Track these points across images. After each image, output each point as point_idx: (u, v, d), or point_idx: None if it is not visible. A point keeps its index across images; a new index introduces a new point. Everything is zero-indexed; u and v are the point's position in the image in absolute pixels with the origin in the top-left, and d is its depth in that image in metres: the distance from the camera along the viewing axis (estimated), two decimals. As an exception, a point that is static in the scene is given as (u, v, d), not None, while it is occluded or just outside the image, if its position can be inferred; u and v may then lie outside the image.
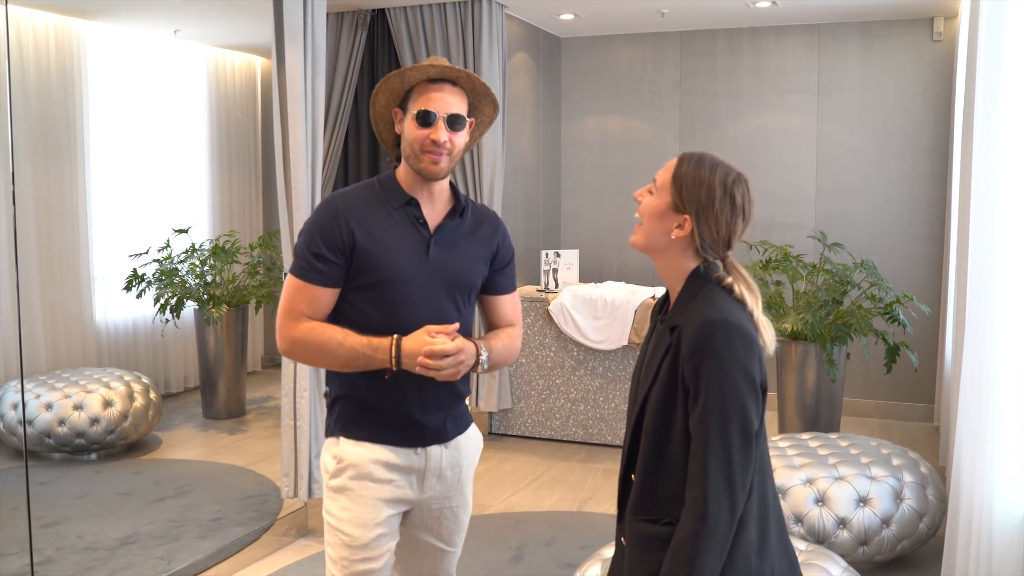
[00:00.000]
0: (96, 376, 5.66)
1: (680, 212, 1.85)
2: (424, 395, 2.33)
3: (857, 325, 4.96)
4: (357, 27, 6.17)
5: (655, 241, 1.89)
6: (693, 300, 1.83)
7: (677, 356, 1.79)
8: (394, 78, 2.30)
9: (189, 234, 6.47)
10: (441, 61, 2.29)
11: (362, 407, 2.34)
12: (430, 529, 2.46)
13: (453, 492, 2.44)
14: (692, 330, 1.77)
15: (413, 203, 2.33)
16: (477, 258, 2.40)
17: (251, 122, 7.79)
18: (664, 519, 1.81)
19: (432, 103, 2.26)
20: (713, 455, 1.72)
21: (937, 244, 6.50)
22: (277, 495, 4.79)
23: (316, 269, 2.26)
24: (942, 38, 6.39)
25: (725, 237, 1.86)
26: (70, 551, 4.15)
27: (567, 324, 5.93)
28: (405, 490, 2.36)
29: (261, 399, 6.93)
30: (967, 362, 3.24)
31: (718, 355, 1.73)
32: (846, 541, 3.88)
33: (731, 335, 1.74)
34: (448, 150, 2.28)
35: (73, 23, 6.08)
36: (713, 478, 1.71)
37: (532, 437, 6.18)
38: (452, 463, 2.42)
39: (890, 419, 6.66)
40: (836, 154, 6.74)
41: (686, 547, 1.72)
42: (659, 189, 1.89)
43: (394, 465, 2.33)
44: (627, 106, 7.29)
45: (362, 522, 2.32)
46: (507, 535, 4.48)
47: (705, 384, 1.73)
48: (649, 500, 1.84)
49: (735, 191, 1.85)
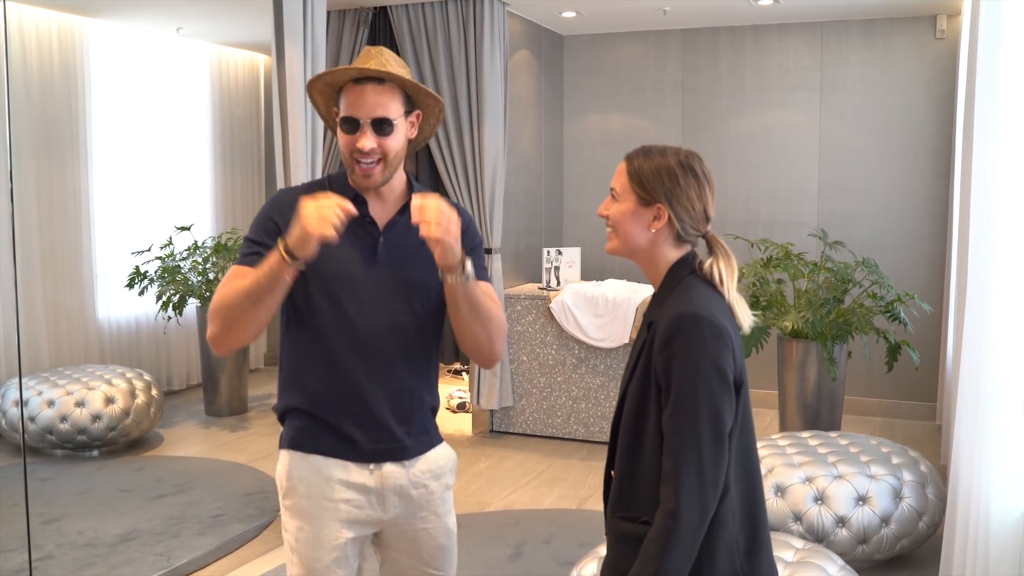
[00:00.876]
0: (98, 373, 5.67)
1: (651, 204, 1.85)
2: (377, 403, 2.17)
3: (858, 323, 4.96)
4: (359, 25, 6.18)
5: (635, 241, 1.87)
6: (671, 294, 1.82)
7: (651, 351, 1.77)
8: (317, 81, 2.14)
9: (191, 231, 6.48)
10: (376, 55, 2.12)
11: (311, 419, 2.18)
12: (408, 552, 2.28)
13: (425, 512, 2.25)
14: (663, 325, 1.75)
15: (360, 200, 2.16)
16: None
17: (254, 120, 7.80)
18: (641, 517, 1.79)
19: (354, 107, 2.08)
20: (684, 452, 1.69)
21: (939, 242, 6.48)
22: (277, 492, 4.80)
23: (254, 255, 2.08)
24: (945, 36, 6.37)
25: (701, 211, 1.86)
26: (70, 547, 4.16)
27: (568, 322, 5.93)
28: (365, 510, 2.19)
29: (263, 396, 6.94)
30: (965, 361, 3.23)
31: (688, 349, 1.71)
32: (845, 540, 3.88)
33: (702, 328, 1.72)
34: (380, 156, 2.10)
35: (76, 21, 6.08)
36: (684, 476, 1.69)
37: (533, 435, 6.18)
38: (414, 482, 2.22)
39: (892, 418, 6.65)
40: (838, 152, 6.72)
41: (655, 545, 1.69)
42: (620, 194, 1.88)
43: (348, 482, 2.17)
44: (629, 104, 7.28)
45: (319, 544, 2.16)
46: (506, 533, 4.48)
47: (676, 379, 1.71)
48: (627, 498, 1.82)
49: (692, 164, 1.85)
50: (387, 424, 2.19)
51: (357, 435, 2.17)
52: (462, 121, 5.91)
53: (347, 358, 2.15)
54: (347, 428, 2.17)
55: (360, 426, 2.17)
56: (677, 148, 1.88)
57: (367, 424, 2.17)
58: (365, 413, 2.17)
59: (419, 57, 5.96)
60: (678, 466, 1.69)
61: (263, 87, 7.88)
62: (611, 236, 1.91)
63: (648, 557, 1.70)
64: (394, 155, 2.13)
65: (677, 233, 1.86)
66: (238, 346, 2.12)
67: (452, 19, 5.84)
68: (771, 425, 6.43)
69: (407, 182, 2.26)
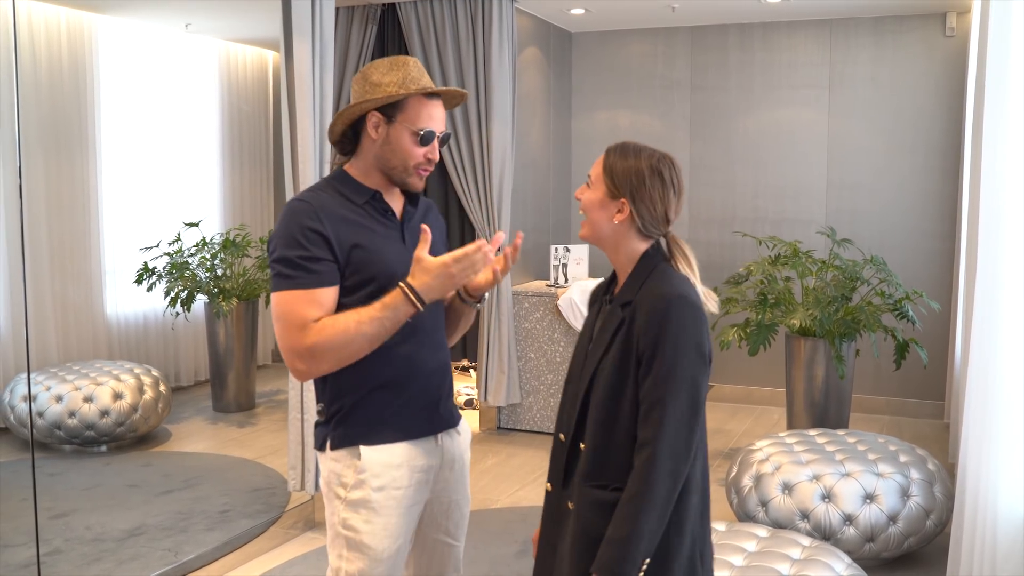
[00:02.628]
0: (106, 369, 5.69)
1: (616, 198, 1.99)
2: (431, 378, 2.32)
3: (866, 321, 4.94)
4: (367, 21, 6.18)
5: (601, 229, 2.01)
6: (647, 278, 1.96)
7: (631, 329, 1.91)
8: (391, 86, 2.21)
9: (200, 228, 6.49)
10: (419, 66, 2.25)
11: (378, 409, 2.25)
12: (439, 525, 2.42)
13: (458, 484, 2.42)
14: (648, 304, 1.89)
15: (378, 195, 2.28)
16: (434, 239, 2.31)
17: (262, 116, 7.81)
18: (613, 485, 1.91)
19: (433, 122, 2.25)
20: (663, 422, 1.83)
21: (948, 241, 6.46)
22: (285, 488, 4.81)
23: (310, 271, 2.13)
24: (954, 33, 6.35)
25: (662, 213, 1.99)
26: (78, 542, 4.17)
27: (576, 319, 5.92)
28: (422, 490, 2.32)
29: (270, 392, 6.96)
30: (973, 359, 3.22)
31: (674, 329, 1.86)
32: (852, 538, 3.87)
33: (686, 310, 1.88)
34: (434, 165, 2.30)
35: (85, 17, 6.10)
36: (661, 443, 1.83)
37: (540, 432, 6.18)
38: (459, 453, 2.41)
39: (900, 416, 6.63)
40: (847, 150, 6.71)
41: (630, 506, 1.83)
42: (594, 183, 2.02)
43: (414, 465, 2.28)
44: (638, 101, 7.27)
45: (388, 533, 2.25)
46: (513, 529, 4.48)
47: (660, 355, 1.85)
48: (599, 468, 1.94)
49: (661, 169, 1.98)
50: (440, 398, 2.35)
51: (416, 411, 2.30)
52: (470, 118, 5.91)
53: (401, 340, 2.24)
54: (410, 409, 2.29)
55: (421, 405, 2.31)
56: (653, 151, 2.01)
57: (426, 402, 2.31)
58: (423, 392, 2.31)
59: (427, 54, 5.96)
60: (656, 433, 1.83)
61: (271, 83, 7.89)
62: (583, 223, 2.07)
63: (623, 518, 1.84)
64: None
65: (638, 228, 2.00)
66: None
67: (461, 16, 5.83)
68: (779, 423, 6.42)
69: None
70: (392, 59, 2.25)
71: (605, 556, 1.84)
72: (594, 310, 2.12)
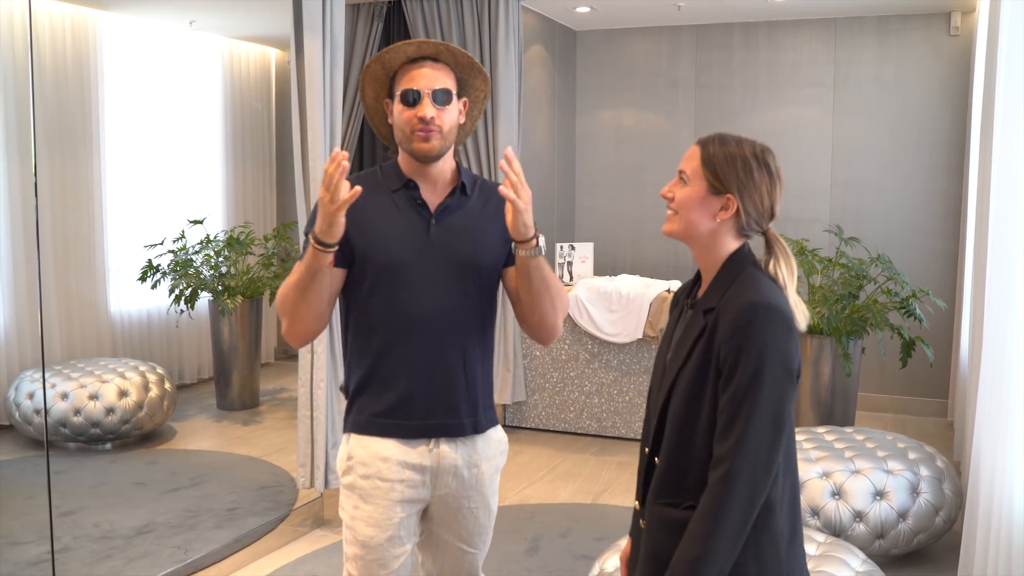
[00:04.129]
0: (111, 366, 5.68)
1: (721, 193, 1.82)
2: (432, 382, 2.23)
3: (873, 319, 4.95)
4: (373, 18, 6.17)
5: (698, 228, 1.84)
6: (732, 283, 1.81)
7: (712, 338, 1.77)
8: (374, 64, 2.22)
9: (204, 225, 6.48)
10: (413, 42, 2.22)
11: (369, 400, 2.26)
12: (449, 527, 2.35)
13: (471, 492, 2.32)
14: (733, 312, 1.74)
15: (411, 185, 2.24)
16: (487, 236, 2.25)
17: (265, 114, 7.81)
18: (686, 503, 1.79)
19: (415, 81, 2.17)
20: (741, 437, 1.69)
21: (952, 239, 6.47)
22: (292, 486, 4.81)
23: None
24: (959, 32, 6.36)
25: (768, 207, 1.84)
26: (87, 540, 4.16)
27: (582, 317, 5.92)
28: (419, 489, 2.26)
29: (274, 391, 6.95)
30: (986, 357, 3.23)
31: (759, 338, 1.71)
32: (862, 534, 3.88)
33: (774, 319, 1.73)
34: (438, 127, 2.17)
35: (89, 14, 6.09)
36: (738, 461, 1.69)
37: (546, 430, 6.19)
38: (469, 462, 2.29)
39: (904, 414, 6.64)
40: (851, 148, 6.71)
41: (702, 526, 1.70)
42: (692, 178, 1.84)
43: (405, 462, 2.24)
44: (642, 100, 7.27)
45: (374, 522, 2.24)
46: (522, 527, 4.48)
47: (742, 366, 1.70)
48: (673, 484, 1.81)
49: (767, 159, 1.83)
50: (443, 403, 2.25)
51: (415, 413, 2.24)
52: (476, 116, 5.90)
53: (403, 339, 2.21)
54: (405, 407, 2.24)
55: (418, 405, 2.24)
56: (752, 140, 1.85)
57: (425, 403, 2.24)
58: (421, 392, 2.23)
59: (433, 51, 5.95)
60: (734, 451, 1.69)
61: (274, 81, 7.88)
62: (672, 218, 1.88)
63: (694, 538, 1.70)
64: (449, 128, 2.20)
65: (740, 225, 1.84)
66: (308, 335, 2.21)
67: (467, 13, 5.83)
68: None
69: (456, 168, 2.31)
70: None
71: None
72: (675, 314, 1.98)
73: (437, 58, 2.22)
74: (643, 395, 5.89)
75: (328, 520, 4.53)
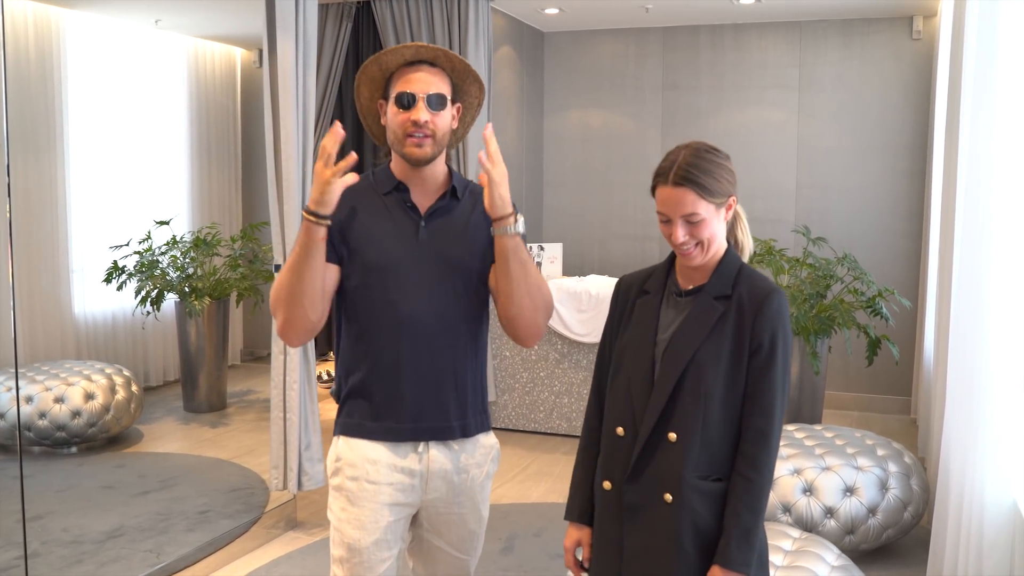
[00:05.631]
0: (77, 369, 5.60)
1: (724, 201, 2.00)
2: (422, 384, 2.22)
3: (841, 318, 5.02)
4: (342, 19, 6.15)
5: (720, 241, 2.03)
6: (737, 274, 2.01)
7: (739, 323, 1.95)
8: (371, 64, 2.22)
9: (170, 226, 6.41)
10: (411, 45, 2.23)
11: (359, 403, 2.25)
12: (440, 533, 2.34)
13: (461, 498, 2.31)
14: (761, 299, 1.94)
15: (402, 188, 2.25)
16: (477, 239, 2.26)
17: (231, 114, 7.74)
18: (714, 475, 1.95)
19: (410, 84, 2.18)
20: (776, 411, 1.92)
21: (915, 239, 6.58)
22: (263, 488, 4.78)
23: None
24: (921, 36, 6.47)
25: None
26: (56, 545, 4.11)
27: (552, 317, 5.94)
28: (408, 493, 2.25)
29: (242, 392, 6.90)
30: (953, 354, 3.29)
31: (784, 321, 1.95)
32: (833, 530, 3.94)
33: (786, 305, 1.98)
34: (431, 132, 2.18)
35: (53, 11, 6.00)
36: (774, 431, 1.92)
37: (516, 430, 6.20)
38: (458, 467, 2.29)
39: (868, 412, 6.75)
40: (816, 150, 6.81)
41: (755, 497, 1.91)
42: (702, 213, 1.95)
43: (393, 465, 2.23)
44: (609, 100, 7.32)
45: (361, 525, 2.22)
46: (496, 526, 4.49)
47: (776, 347, 1.93)
48: (706, 459, 1.95)
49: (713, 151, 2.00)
50: (433, 405, 2.24)
51: (404, 415, 2.23)
52: (446, 116, 5.90)
53: (393, 341, 2.21)
54: (394, 409, 2.23)
55: (407, 407, 2.23)
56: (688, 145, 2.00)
57: (413, 405, 2.23)
58: (411, 394, 2.22)
59: (403, 52, 5.94)
60: (773, 422, 1.92)
61: (240, 81, 7.82)
62: (699, 252, 1.99)
63: (751, 509, 1.90)
64: (442, 134, 2.21)
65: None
66: (305, 327, 2.18)
67: (436, 14, 5.83)
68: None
69: (448, 172, 2.32)
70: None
71: (734, 549, 1.89)
72: (650, 301, 2.07)
73: (434, 63, 2.23)
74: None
75: (302, 522, 4.51)
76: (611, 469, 2.03)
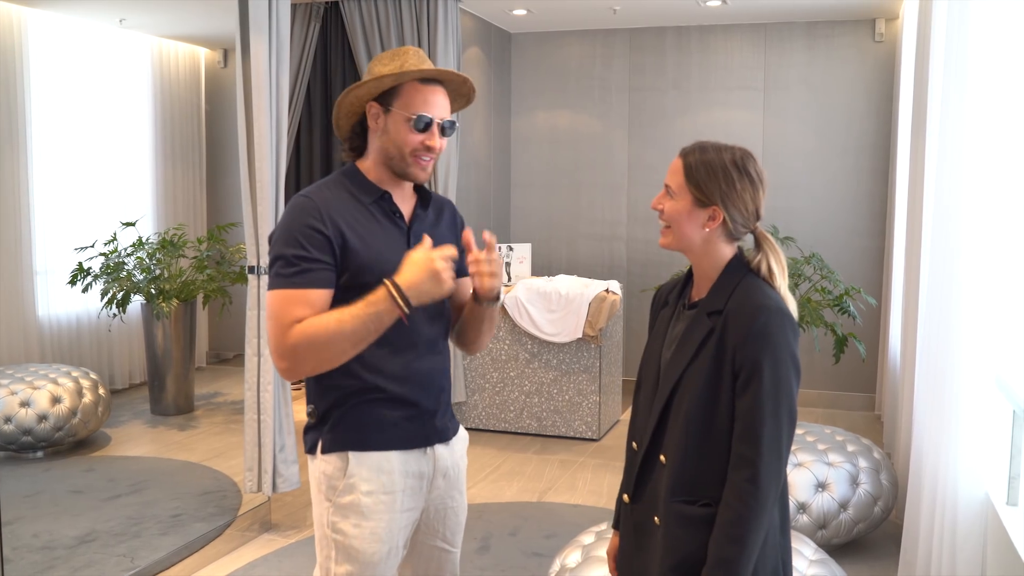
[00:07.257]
0: (42, 372, 5.52)
1: (706, 206, 1.88)
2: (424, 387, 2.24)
3: (809, 317, 5.10)
4: (311, 19, 6.13)
5: (690, 239, 1.91)
6: (735, 288, 1.88)
7: (722, 341, 1.83)
8: (388, 79, 2.14)
9: (136, 227, 6.34)
10: (419, 53, 2.20)
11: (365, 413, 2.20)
12: (435, 530, 2.36)
13: (454, 491, 2.36)
14: (746, 317, 1.81)
15: (387, 196, 2.22)
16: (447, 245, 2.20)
17: (195, 114, 7.67)
18: (702, 500, 1.85)
19: (429, 107, 2.15)
20: (766, 437, 1.77)
21: (878, 238, 6.69)
22: (236, 490, 4.74)
23: (304, 272, 2.08)
24: (883, 39, 6.58)
25: (753, 211, 1.90)
26: (26, 550, 4.05)
27: (522, 317, 5.97)
28: (417, 497, 2.27)
29: (209, 395, 6.84)
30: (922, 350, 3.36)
31: (774, 342, 1.79)
32: (806, 525, 4.00)
33: (784, 323, 1.81)
34: (436, 156, 2.20)
35: (14, 10, 5.92)
36: (765, 460, 1.77)
37: (486, 430, 6.21)
38: (452, 462, 2.34)
39: (833, 409, 6.85)
40: (781, 150, 6.89)
41: (737, 527, 1.77)
42: (677, 192, 1.90)
43: (407, 471, 2.23)
44: (576, 101, 7.35)
45: (378, 537, 2.20)
46: (472, 526, 4.50)
47: (761, 371, 1.78)
48: (688, 483, 1.86)
49: (747, 166, 1.88)
50: (433, 407, 2.27)
51: (415, 421, 2.24)
52: (416, 117, 5.90)
53: (394, 347, 2.19)
54: (406, 416, 2.23)
55: (418, 412, 2.24)
56: (732, 147, 1.91)
57: (418, 408, 2.24)
58: (415, 398, 2.23)
59: (372, 52, 5.93)
60: (760, 451, 1.77)
61: (204, 81, 7.75)
62: (666, 232, 1.94)
63: (732, 539, 1.77)
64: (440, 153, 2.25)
65: (729, 232, 1.90)
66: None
67: (405, 14, 5.82)
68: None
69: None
70: (394, 49, 2.22)
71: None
72: (666, 313, 2.02)
73: (442, 82, 2.22)
74: (582, 394, 5.96)
75: (276, 524, 4.49)
76: (627, 483, 2.02)
